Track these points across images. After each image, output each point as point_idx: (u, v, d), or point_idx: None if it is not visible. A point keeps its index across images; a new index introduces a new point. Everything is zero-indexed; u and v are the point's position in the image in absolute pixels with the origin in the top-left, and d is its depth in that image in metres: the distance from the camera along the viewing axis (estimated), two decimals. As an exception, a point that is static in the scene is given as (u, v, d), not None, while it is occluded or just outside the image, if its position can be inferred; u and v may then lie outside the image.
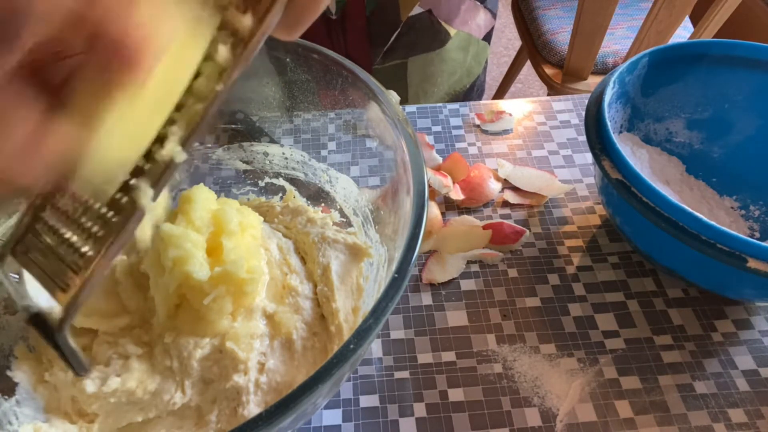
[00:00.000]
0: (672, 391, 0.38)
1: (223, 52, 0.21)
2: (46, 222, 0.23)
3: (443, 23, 0.64)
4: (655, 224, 0.37)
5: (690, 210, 0.35)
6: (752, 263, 0.33)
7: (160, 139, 0.21)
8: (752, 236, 0.47)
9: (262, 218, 0.40)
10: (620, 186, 0.38)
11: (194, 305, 0.33)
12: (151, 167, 0.22)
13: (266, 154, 0.46)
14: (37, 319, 0.23)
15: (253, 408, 0.33)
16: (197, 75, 0.21)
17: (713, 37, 1.06)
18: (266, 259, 0.39)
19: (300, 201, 0.46)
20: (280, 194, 0.46)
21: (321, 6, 0.23)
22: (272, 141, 0.47)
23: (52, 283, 0.22)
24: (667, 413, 0.37)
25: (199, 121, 0.21)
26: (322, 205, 0.45)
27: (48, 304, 0.23)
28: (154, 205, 0.21)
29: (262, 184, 0.47)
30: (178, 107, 0.22)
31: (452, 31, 0.66)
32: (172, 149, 0.21)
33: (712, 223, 0.34)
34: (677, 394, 0.38)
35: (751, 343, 0.41)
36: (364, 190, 0.43)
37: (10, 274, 0.24)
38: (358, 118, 0.41)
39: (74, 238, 0.22)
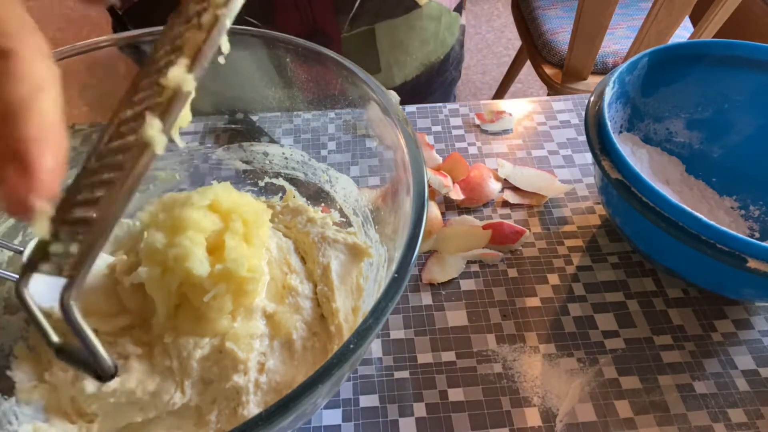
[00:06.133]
0: (672, 391, 0.38)
1: None
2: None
3: None
4: (655, 224, 0.37)
5: (690, 210, 0.35)
6: (752, 263, 0.33)
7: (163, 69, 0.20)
8: (752, 236, 0.47)
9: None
10: (620, 186, 0.38)
11: (194, 303, 0.33)
12: (157, 100, 0.20)
13: (266, 154, 0.46)
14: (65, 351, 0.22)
15: (252, 408, 0.33)
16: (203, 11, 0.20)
17: (713, 37, 1.06)
18: (266, 258, 0.39)
19: (300, 201, 0.46)
20: (280, 194, 0.46)
21: None
22: (272, 141, 0.47)
23: (67, 238, 0.21)
24: (667, 413, 0.37)
25: (203, 47, 0.20)
26: (322, 205, 0.45)
27: (51, 305, 0.22)
28: (164, 141, 0.20)
29: (262, 184, 0.47)
30: (179, 44, 0.20)
31: (422, 1, 0.66)
32: (179, 75, 0.20)
33: (712, 223, 0.34)
34: (677, 394, 0.38)
35: (751, 343, 0.41)
36: (364, 190, 0.43)
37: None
38: (358, 118, 0.41)
39: (85, 194, 0.21)
